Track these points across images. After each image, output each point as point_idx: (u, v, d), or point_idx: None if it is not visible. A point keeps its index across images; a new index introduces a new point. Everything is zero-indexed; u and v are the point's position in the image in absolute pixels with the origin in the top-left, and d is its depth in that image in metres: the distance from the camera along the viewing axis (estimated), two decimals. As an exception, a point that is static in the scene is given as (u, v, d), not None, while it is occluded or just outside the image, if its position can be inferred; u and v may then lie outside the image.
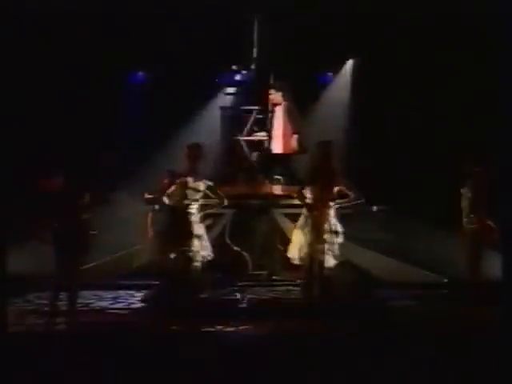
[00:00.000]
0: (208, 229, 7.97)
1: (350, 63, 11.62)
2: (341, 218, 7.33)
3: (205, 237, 7.54)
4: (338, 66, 11.68)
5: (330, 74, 11.78)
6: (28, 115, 10.08)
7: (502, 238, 7.40)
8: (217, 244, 8.24)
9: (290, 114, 9.83)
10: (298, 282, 8.40)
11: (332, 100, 11.68)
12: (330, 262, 7.13)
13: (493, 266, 7.85)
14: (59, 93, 10.35)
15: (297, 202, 8.26)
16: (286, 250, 8.59)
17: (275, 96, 9.84)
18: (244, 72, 11.11)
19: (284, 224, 8.77)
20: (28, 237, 9.20)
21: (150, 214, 8.70)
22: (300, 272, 7.47)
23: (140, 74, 11.43)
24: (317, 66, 11.26)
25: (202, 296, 7.57)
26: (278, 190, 9.24)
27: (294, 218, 8.47)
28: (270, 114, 9.89)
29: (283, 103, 9.84)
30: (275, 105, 9.86)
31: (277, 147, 9.76)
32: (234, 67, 11.12)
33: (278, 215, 8.73)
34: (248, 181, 9.58)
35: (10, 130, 9.36)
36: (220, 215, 8.82)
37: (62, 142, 10.11)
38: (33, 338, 6.50)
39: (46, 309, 7.33)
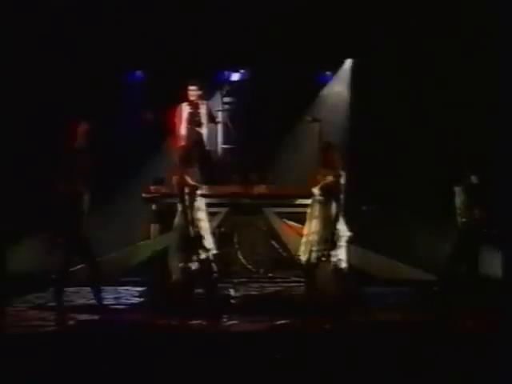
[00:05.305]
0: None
1: (348, 62, 11.64)
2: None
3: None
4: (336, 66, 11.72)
5: (328, 73, 11.81)
6: (23, 116, 10.06)
7: (502, 237, 7.45)
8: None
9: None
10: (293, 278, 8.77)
11: (330, 98, 11.74)
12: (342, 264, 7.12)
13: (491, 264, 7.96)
14: (56, 92, 10.33)
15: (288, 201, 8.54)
16: (280, 248, 8.82)
17: (196, 93, 9.51)
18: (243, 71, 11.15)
19: (276, 223, 8.82)
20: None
21: (153, 226, 8.78)
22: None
23: (138, 72, 11.42)
24: (315, 65, 11.29)
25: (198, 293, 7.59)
26: (269, 189, 9.24)
27: (286, 216, 8.61)
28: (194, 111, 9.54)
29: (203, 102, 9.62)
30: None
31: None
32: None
33: (270, 214, 8.78)
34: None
35: (9, 130, 9.45)
36: (213, 214, 8.85)
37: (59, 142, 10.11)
38: (32, 338, 6.51)
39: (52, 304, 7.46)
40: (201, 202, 7.32)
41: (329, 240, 6.98)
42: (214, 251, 7.35)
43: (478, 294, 7.17)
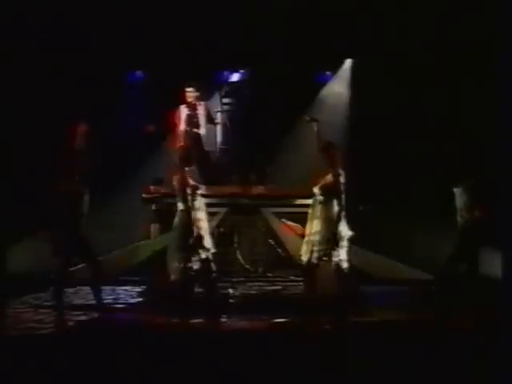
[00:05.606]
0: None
1: (348, 62, 11.67)
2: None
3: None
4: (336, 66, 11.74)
5: (328, 73, 11.84)
6: (23, 116, 10.06)
7: (502, 237, 7.43)
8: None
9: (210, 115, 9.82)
10: (291, 278, 8.80)
11: (330, 98, 11.76)
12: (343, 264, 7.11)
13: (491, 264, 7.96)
14: (56, 93, 10.33)
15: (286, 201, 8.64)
16: (278, 247, 8.87)
17: (193, 94, 9.55)
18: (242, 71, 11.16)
19: (274, 223, 8.85)
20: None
21: (153, 226, 8.81)
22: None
23: (138, 72, 11.43)
24: (315, 65, 11.30)
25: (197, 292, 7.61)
26: (268, 189, 9.26)
27: (284, 216, 8.66)
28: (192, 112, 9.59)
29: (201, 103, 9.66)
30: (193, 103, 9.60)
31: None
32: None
33: (268, 214, 8.82)
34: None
35: (9, 130, 9.45)
36: (213, 214, 8.88)
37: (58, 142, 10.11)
38: (32, 339, 6.51)
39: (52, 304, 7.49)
40: (200, 202, 7.34)
41: (331, 240, 6.98)
42: (213, 251, 7.36)
43: (477, 294, 7.17)
